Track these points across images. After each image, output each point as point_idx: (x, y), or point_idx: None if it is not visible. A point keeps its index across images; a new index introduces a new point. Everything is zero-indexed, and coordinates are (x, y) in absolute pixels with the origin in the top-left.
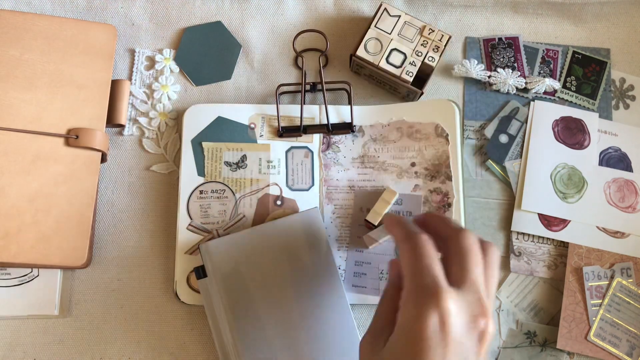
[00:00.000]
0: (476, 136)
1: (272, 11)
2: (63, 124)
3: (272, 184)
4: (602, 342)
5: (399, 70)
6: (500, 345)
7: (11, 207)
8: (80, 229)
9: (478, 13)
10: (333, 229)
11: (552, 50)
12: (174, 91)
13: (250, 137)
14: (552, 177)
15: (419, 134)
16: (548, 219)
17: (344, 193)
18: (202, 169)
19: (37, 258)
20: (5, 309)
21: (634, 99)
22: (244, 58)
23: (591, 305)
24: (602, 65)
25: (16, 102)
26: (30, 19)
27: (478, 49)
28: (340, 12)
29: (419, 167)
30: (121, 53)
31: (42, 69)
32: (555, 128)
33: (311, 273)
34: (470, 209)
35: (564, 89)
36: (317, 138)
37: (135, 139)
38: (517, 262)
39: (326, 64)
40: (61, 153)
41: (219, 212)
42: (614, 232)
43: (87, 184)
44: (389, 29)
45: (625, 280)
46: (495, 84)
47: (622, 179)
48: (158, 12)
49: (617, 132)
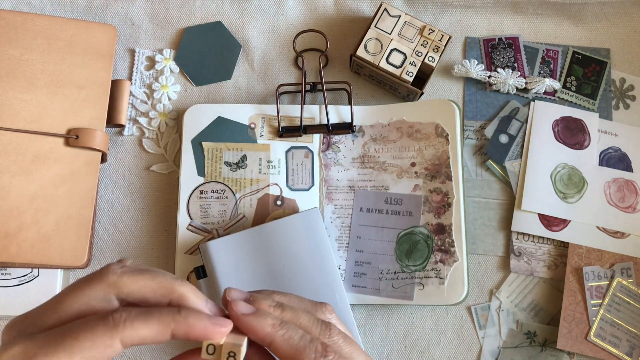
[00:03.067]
0: (476, 136)
1: (272, 11)
2: (63, 124)
3: (272, 184)
4: (602, 342)
5: (399, 70)
6: (500, 345)
7: (11, 207)
8: (80, 229)
9: (478, 13)
10: (333, 229)
11: (552, 50)
12: (174, 91)
13: (250, 137)
14: (552, 177)
15: (419, 134)
16: (548, 219)
17: (344, 193)
18: (202, 169)
19: (37, 258)
20: (5, 309)
21: (634, 99)
22: (244, 58)
23: (591, 305)
24: (602, 65)
25: (16, 102)
26: (30, 19)
27: (478, 49)
28: (340, 12)
29: (419, 167)
30: (121, 53)
31: (42, 69)
32: (555, 128)
33: (311, 273)
34: (470, 209)
35: (564, 89)
36: (317, 138)
37: (135, 139)
38: (517, 262)
39: (326, 64)
40: (61, 153)
41: (219, 212)
42: (614, 232)
43: (87, 184)
44: (389, 29)
45: (626, 281)
46: (495, 84)
47: (622, 179)
48: (158, 12)
49: (617, 132)
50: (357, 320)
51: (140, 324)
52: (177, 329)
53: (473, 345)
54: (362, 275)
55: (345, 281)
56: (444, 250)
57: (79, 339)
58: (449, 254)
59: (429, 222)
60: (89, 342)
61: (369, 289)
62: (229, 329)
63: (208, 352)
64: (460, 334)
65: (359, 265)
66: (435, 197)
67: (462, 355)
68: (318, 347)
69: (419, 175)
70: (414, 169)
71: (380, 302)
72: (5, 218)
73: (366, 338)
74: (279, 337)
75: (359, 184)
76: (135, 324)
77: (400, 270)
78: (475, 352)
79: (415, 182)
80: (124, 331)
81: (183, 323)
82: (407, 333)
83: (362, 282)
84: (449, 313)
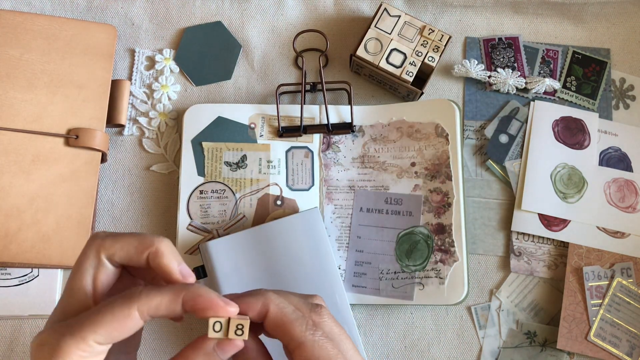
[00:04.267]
0: (476, 136)
1: (272, 11)
2: (63, 124)
3: (272, 184)
4: (602, 342)
5: (399, 70)
6: (500, 345)
7: (11, 207)
8: (80, 229)
9: (478, 13)
10: (333, 229)
11: (552, 50)
12: (174, 91)
13: (250, 137)
14: (552, 177)
15: (419, 133)
16: (548, 219)
17: (344, 193)
18: (202, 169)
19: (37, 258)
20: (5, 309)
21: (634, 99)
22: (244, 58)
23: (591, 305)
24: (602, 65)
25: (16, 102)
26: (30, 19)
27: (478, 49)
28: (340, 12)
29: (419, 167)
30: (121, 53)
31: (42, 69)
32: (555, 128)
33: (311, 273)
34: (470, 209)
35: (564, 89)
36: (317, 138)
37: (135, 139)
38: (517, 262)
39: (326, 64)
40: (61, 153)
41: (219, 212)
42: (614, 232)
43: (87, 184)
44: (389, 29)
45: (626, 280)
46: (495, 84)
47: (622, 179)
48: (158, 12)
49: (617, 132)
50: (357, 320)
51: (154, 294)
52: (187, 296)
53: (473, 345)
54: (362, 275)
55: (345, 281)
56: (444, 250)
57: (100, 313)
58: (449, 254)
59: (429, 222)
60: (110, 314)
61: (369, 289)
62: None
63: (215, 330)
64: (460, 334)
65: (359, 265)
66: (435, 197)
67: (462, 355)
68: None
69: (419, 175)
70: (414, 169)
71: (380, 302)
72: (5, 218)
73: (366, 338)
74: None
75: (359, 184)
76: (151, 294)
77: (400, 270)
78: (475, 352)
79: (415, 182)
80: (140, 301)
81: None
82: (407, 333)
83: (362, 282)
84: (449, 313)
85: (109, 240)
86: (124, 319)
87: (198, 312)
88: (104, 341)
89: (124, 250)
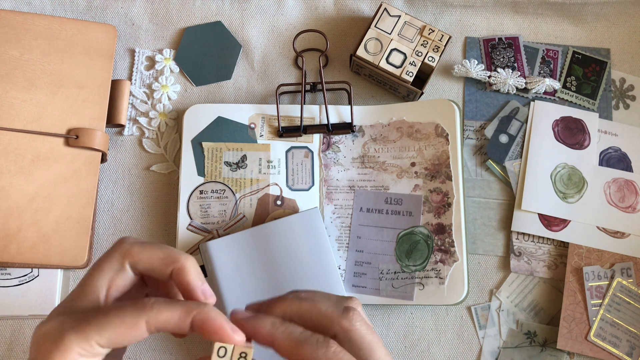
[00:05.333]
0: (476, 136)
1: (272, 11)
2: (63, 124)
3: (272, 184)
4: (602, 342)
5: (399, 70)
6: (500, 345)
7: (11, 207)
8: (80, 229)
9: (478, 13)
10: (333, 229)
11: (552, 50)
12: (174, 91)
13: (250, 137)
14: (552, 177)
15: (419, 133)
16: (548, 219)
17: (344, 193)
18: (202, 169)
19: (37, 258)
20: (5, 309)
21: (634, 99)
22: (244, 58)
23: (591, 305)
24: (602, 65)
25: (16, 102)
26: (30, 19)
27: (478, 49)
28: (340, 12)
29: (419, 167)
30: (121, 53)
31: (42, 69)
32: (555, 128)
33: (311, 273)
34: (470, 209)
35: (564, 89)
36: (317, 138)
37: (135, 139)
38: (517, 262)
39: (326, 64)
40: (61, 153)
41: (219, 212)
42: (614, 232)
43: (87, 184)
44: (389, 29)
45: (626, 280)
46: (495, 84)
47: (622, 179)
48: (158, 12)
49: (617, 132)
50: None
51: (165, 308)
52: (198, 317)
53: (473, 345)
54: (362, 275)
55: (345, 281)
56: (444, 250)
57: (108, 317)
58: (449, 254)
59: (429, 222)
60: (118, 320)
61: (369, 289)
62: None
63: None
64: (460, 334)
65: (359, 265)
66: (435, 197)
67: (462, 355)
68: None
69: (419, 175)
70: (414, 169)
71: (380, 302)
72: (5, 218)
73: None
74: (280, 334)
75: (359, 184)
76: (162, 307)
77: (400, 270)
78: (475, 352)
79: (415, 182)
80: (150, 313)
81: (204, 313)
82: (407, 333)
83: (362, 282)
84: (449, 313)
85: (137, 248)
86: (131, 327)
87: (205, 334)
88: (106, 344)
89: (149, 261)
